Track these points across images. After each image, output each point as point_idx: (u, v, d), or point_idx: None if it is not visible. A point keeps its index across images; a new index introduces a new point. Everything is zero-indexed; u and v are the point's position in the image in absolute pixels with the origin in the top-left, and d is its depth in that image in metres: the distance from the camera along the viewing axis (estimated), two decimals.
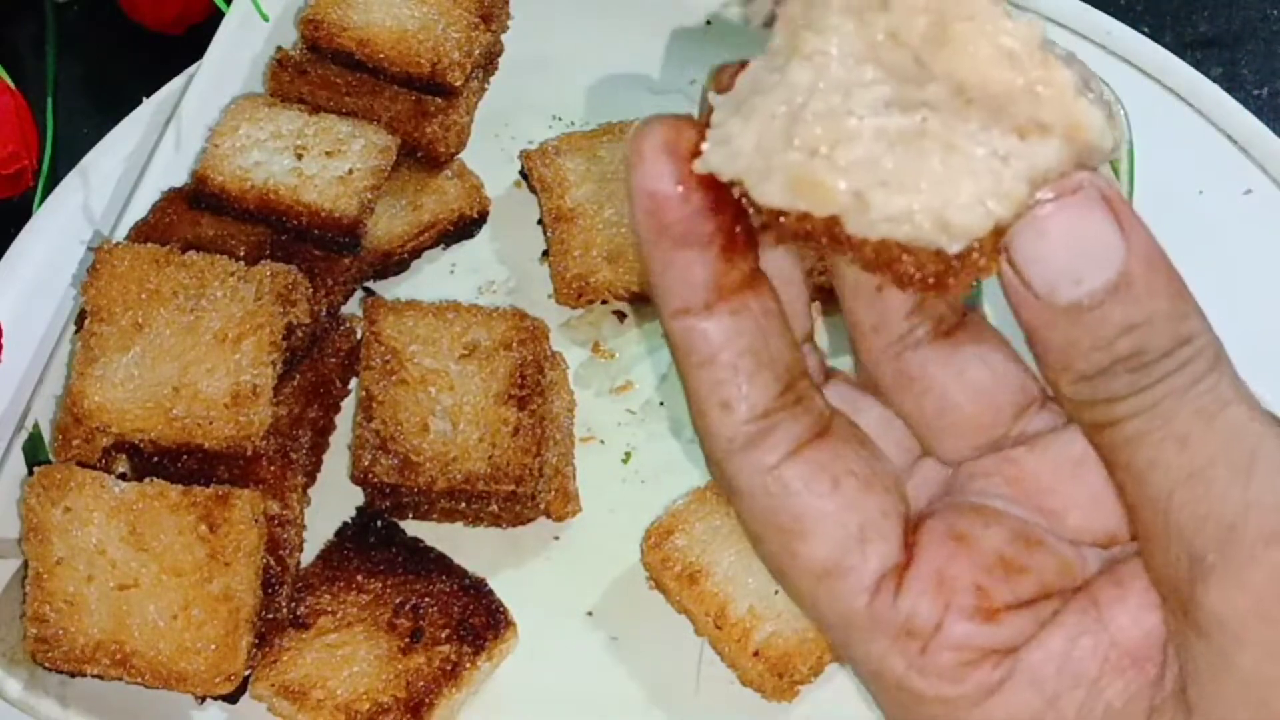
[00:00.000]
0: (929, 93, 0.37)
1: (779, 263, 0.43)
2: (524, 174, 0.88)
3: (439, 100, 0.85)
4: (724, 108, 0.39)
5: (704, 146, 0.38)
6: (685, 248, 0.39)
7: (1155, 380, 0.38)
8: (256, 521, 0.69)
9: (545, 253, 0.86)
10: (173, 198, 0.83)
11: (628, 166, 0.39)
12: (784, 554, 0.41)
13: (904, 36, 0.37)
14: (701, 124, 0.39)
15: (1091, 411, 0.39)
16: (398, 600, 0.73)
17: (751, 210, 0.39)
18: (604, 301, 0.85)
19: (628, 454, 0.81)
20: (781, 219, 0.38)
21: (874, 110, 0.37)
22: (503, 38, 0.92)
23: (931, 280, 0.38)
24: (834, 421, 0.41)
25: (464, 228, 0.88)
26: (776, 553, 0.41)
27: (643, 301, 0.84)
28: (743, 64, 0.40)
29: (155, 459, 0.72)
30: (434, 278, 0.87)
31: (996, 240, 0.38)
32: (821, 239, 0.38)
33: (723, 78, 0.40)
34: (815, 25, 0.38)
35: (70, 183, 0.90)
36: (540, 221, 0.87)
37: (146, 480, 0.70)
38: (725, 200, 0.39)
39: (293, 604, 0.73)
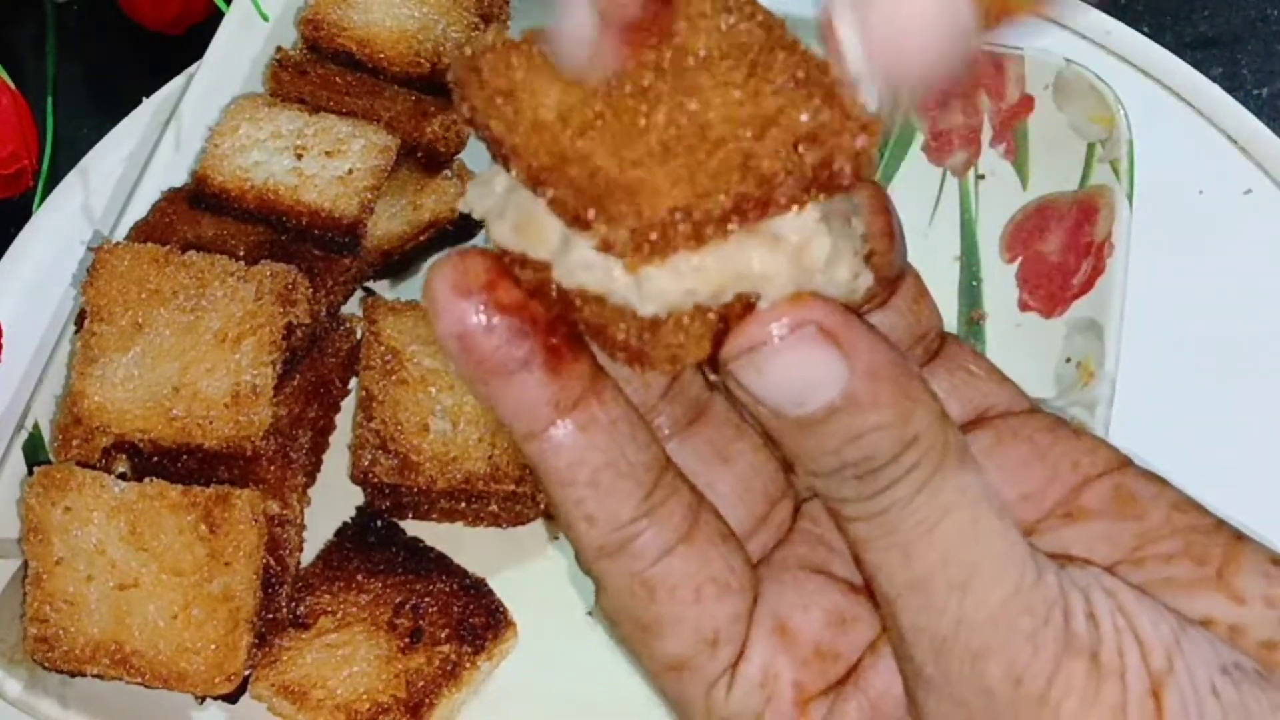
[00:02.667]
0: None
1: None
2: None
3: (439, 100, 0.85)
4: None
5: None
6: (509, 376, 0.39)
7: (880, 489, 0.38)
8: (256, 521, 0.69)
9: None
10: (173, 198, 0.83)
11: (429, 318, 0.39)
12: (638, 643, 0.43)
13: None
14: (491, 254, 0.38)
15: (830, 506, 0.40)
16: (398, 600, 0.73)
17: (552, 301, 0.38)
18: None
19: None
20: (521, 271, 0.38)
21: None
22: None
23: (635, 350, 0.37)
24: (699, 515, 0.42)
25: (464, 228, 0.88)
26: (630, 639, 0.43)
27: None
28: None
29: (155, 459, 0.72)
30: None
31: (705, 324, 0.37)
32: (553, 301, 0.37)
33: None
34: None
35: (70, 183, 0.90)
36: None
37: (146, 480, 0.70)
38: (534, 317, 0.38)
39: (293, 604, 0.73)
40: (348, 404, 0.81)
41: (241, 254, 0.78)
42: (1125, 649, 0.38)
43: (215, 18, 0.92)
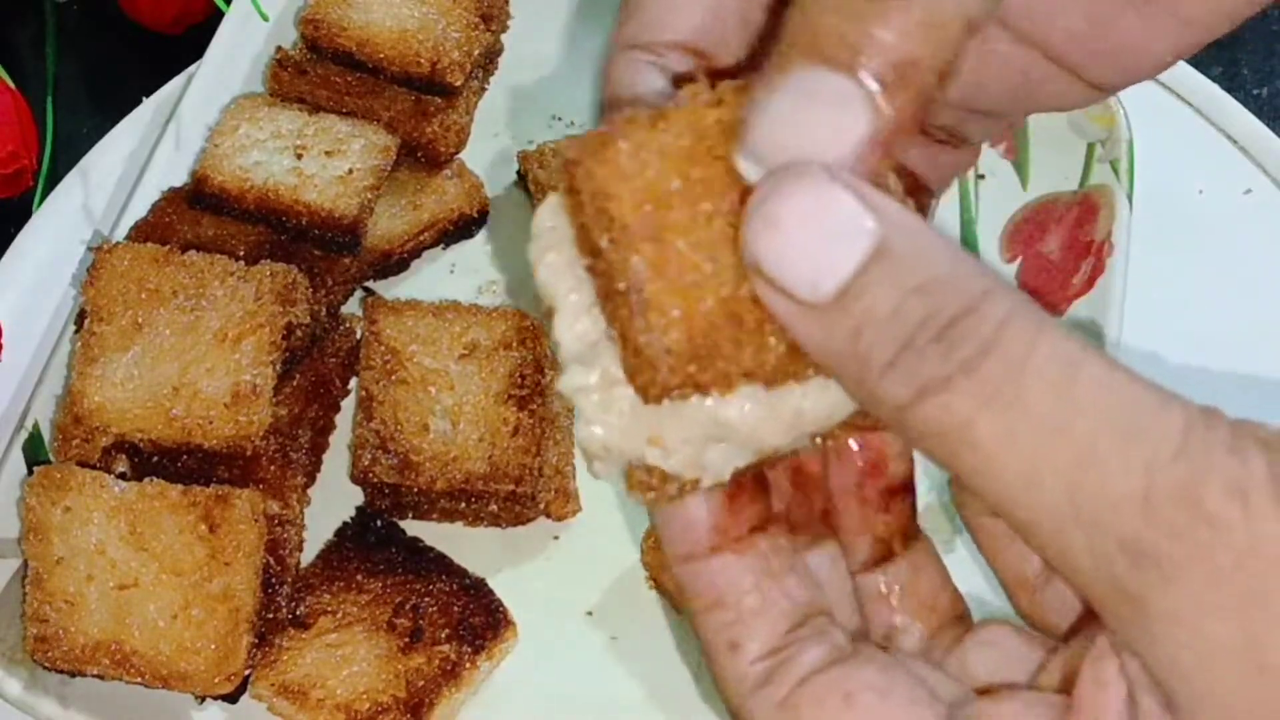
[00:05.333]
0: None
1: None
2: (521, 175, 0.88)
3: (439, 100, 0.85)
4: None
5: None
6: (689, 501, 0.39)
7: (974, 345, 0.33)
8: (256, 521, 0.69)
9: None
10: (172, 197, 0.83)
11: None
12: None
13: None
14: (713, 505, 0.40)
15: (921, 413, 0.34)
16: (398, 600, 0.73)
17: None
18: None
19: None
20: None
21: None
22: (503, 38, 0.92)
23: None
24: (856, 648, 0.40)
25: (464, 227, 0.88)
26: None
27: None
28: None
29: (155, 459, 0.72)
30: (434, 277, 0.87)
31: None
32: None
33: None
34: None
35: (70, 182, 0.90)
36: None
37: (146, 480, 0.70)
38: None
39: (293, 604, 0.73)
40: (348, 404, 0.81)
41: (241, 254, 0.78)
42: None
43: (215, 17, 0.92)
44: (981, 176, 0.86)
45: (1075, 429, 0.33)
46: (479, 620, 0.72)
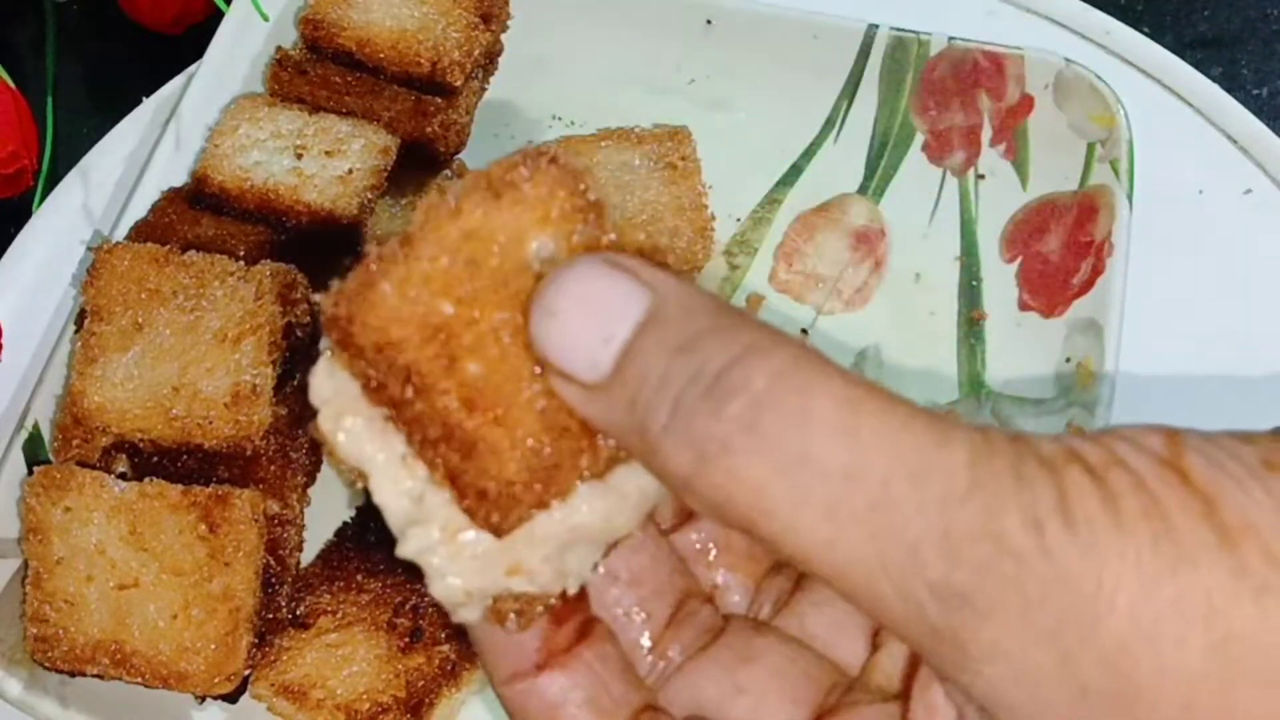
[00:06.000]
0: None
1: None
2: None
3: (439, 100, 0.85)
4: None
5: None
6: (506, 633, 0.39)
7: (736, 390, 0.33)
8: (256, 521, 0.69)
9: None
10: (172, 197, 0.83)
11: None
12: None
13: None
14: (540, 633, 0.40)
15: (709, 480, 0.33)
16: (397, 600, 0.73)
17: None
18: None
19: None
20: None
21: None
22: (503, 37, 0.91)
23: None
24: None
25: None
26: None
27: None
28: None
29: (155, 459, 0.72)
30: None
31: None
32: None
33: None
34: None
35: (70, 182, 0.90)
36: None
37: (146, 480, 0.70)
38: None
39: (292, 604, 0.73)
40: None
41: (241, 254, 0.78)
42: (1123, 449, 0.33)
43: (215, 17, 0.92)
44: (981, 176, 0.86)
45: (867, 476, 0.32)
46: None
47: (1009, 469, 0.32)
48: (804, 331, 0.83)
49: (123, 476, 0.71)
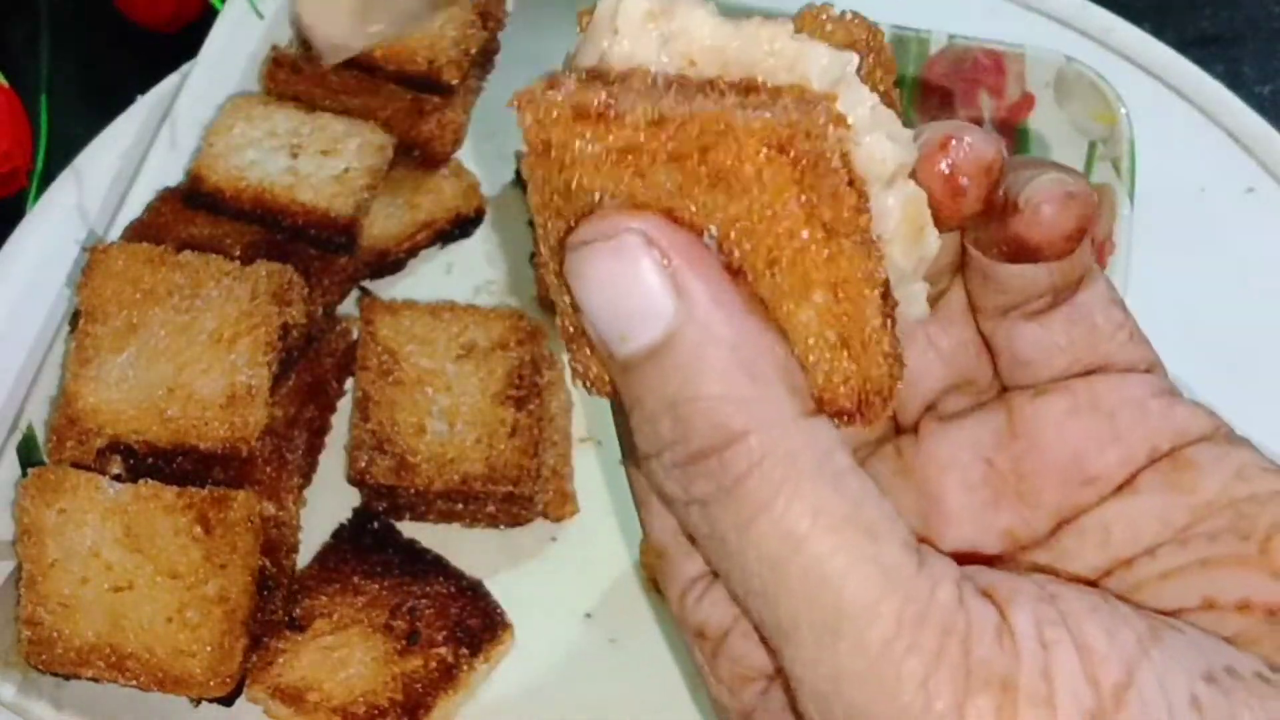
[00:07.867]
0: None
1: None
2: (518, 174, 0.88)
3: (436, 99, 0.85)
4: None
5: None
6: None
7: (704, 494, 0.32)
8: (252, 523, 0.69)
9: (533, 254, 0.86)
10: (167, 197, 0.82)
11: None
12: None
13: None
14: None
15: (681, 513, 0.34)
16: (394, 602, 0.72)
17: None
18: None
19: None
20: None
21: None
22: (499, 36, 0.91)
23: None
24: None
25: (461, 227, 0.87)
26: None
27: None
28: None
29: (150, 460, 0.72)
30: (430, 277, 0.86)
31: None
32: None
33: None
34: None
35: (64, 182, 0.90)
36: (530, 223, 0.87)
37: (141, 482, 0.69)
38: None
39: (289, 606, 0.72)
40: (344, 404, 0.81)
41: (237, 254, 0.77)
42: (1056, 667, 0.32)
43: (210, 15, 0.92)
44: None
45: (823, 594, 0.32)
46: (476, 622, 0.72)
47: (924, 664, 0.32)
48: None
49: (117, 478, 0.70)
